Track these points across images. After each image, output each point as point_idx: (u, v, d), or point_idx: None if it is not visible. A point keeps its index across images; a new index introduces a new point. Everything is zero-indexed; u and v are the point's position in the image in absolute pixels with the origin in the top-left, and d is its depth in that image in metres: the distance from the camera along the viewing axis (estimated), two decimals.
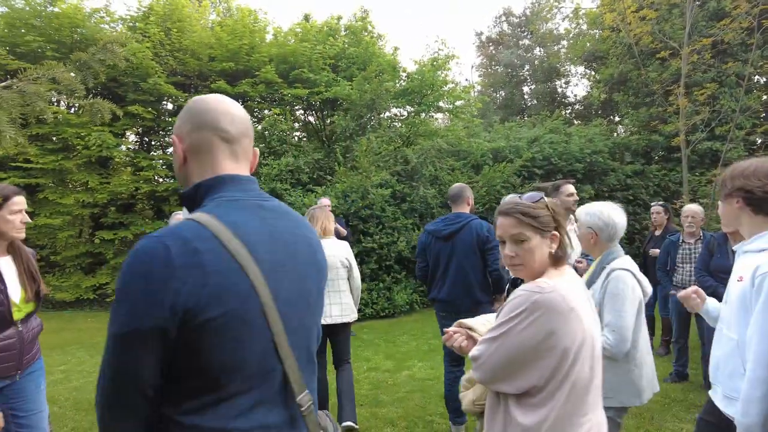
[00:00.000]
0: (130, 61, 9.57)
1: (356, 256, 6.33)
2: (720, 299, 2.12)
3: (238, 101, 11.03)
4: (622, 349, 2.25)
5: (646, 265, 5.79)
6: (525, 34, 21.00)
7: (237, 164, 1.17)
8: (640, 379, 2.33)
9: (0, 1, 9.45)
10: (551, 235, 1.57)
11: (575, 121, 17.61)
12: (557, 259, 1.58)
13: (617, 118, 17.31)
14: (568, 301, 1.44)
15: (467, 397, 1.74)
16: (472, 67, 26.33)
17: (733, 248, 2.15)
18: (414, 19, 47.35)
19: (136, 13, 10.81)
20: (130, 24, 10.66)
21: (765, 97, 13.09)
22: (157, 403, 1.00)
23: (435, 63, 10.31)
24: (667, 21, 11.42)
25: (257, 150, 1.27)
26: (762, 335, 1.70)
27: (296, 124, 11.97)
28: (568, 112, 19.53)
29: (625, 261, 2.37)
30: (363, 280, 6.70)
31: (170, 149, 11.82)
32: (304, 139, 11.99)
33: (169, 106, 11.16)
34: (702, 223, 4.99)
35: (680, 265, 4.99)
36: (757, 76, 13.73)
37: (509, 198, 1.92)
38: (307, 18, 12.36)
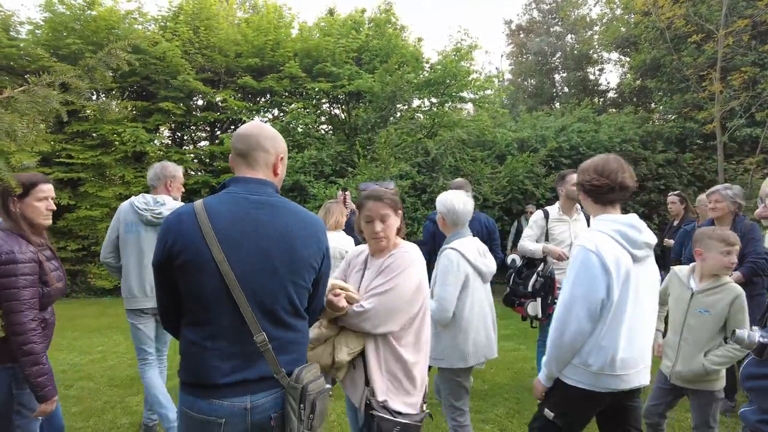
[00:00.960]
0: (162, 59, 10.01)
1: None
2: None
3: (264, 96, 11.44)
4: (443, 317, 2.64)
5: (665, 256, 5.68)
6: (556, 20, 20.48)
7: (252, 170, 1.67)
8: (466, 344, 2.69)
9: (45, 7, 9.99)
10: (400, 214, 2.17)
11: (610, 110, 17.10)
12: (398, 231, 2.16)
13: (653, 105, 16.75)
14: (422, 259, 2.09)
15: (341, 352, 2.01)
16: (502, 56, 25.97)
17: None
18: (439, 10, 46.84)
19: (167, 12, 11.22)
20: (162, 24, 11.07)
21: None
22: (178, 312, 1.63)
23: (458, 53, 10.27)
24: (703, 2, 10.96)
25: (283, 156, 1.76)
26: (561, 302, 2.05)
27: (322, 118, 12.19)
28: (601, 100, 18.99)
29: (461, 242, 2.71)
30: None
31: (201, 143, 12.28)
32: (330, 132, 12.20)
33: (199, 102, 11.56)
34: None
35: None
36: None
37: (368, 185, 2.44)
38: (331, 12, 12.52)
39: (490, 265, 2.79)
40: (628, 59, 17.32)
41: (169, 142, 11.96)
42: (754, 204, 7.31)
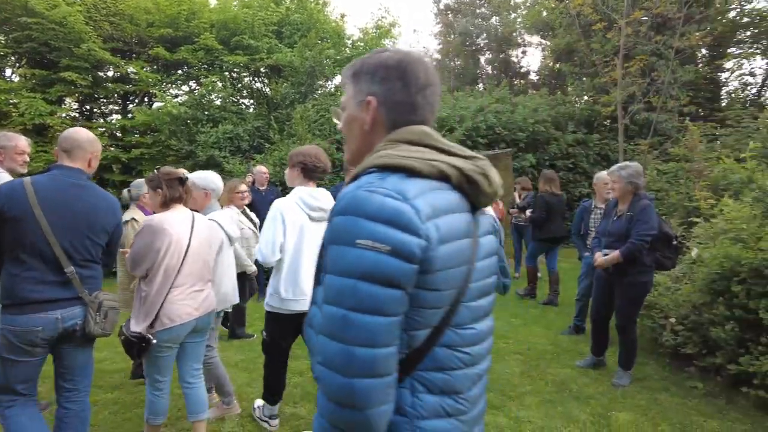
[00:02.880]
0: (62, 25, 9.28)
1: None
2: None
3: (179, 68, 10.95)
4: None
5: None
6: (482, 2, 20.95)
7: (72, 162, 2.37)
8: (217, 293, 3.16)
9: None
10: (159, 192, 2.70)
11: (531, 91, 17.85)
12: (164, 204, 2.70)
13: (569, 89, 17.70)
14: (161, 224, 2.59)
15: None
16: (430, 35, 26.23)
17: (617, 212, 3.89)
18: None
19: None
20: None
21: (700, 68, 13.59)
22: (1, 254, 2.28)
23: (378, 30, 10.31)
24: None
25: (97, 155, 2.47)
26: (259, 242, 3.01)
27: (244, 92, 11.86)
28: (523, 82, 19.76)
29: (215, 214, 3.34)
30: None
31: (112, 117, 11.61)
32: (253, 106, 11.91)
33: (110, 73, 10.88)
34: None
35: (593, 229, 5.13)
36: (701, 51, 14.24)
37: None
38: None
39: (231, 233, 3.47)
40: (548, 43, 18.12)
41: (77, 114, 11.20)
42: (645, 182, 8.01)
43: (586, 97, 14.15)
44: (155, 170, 2.85)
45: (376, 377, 0.91)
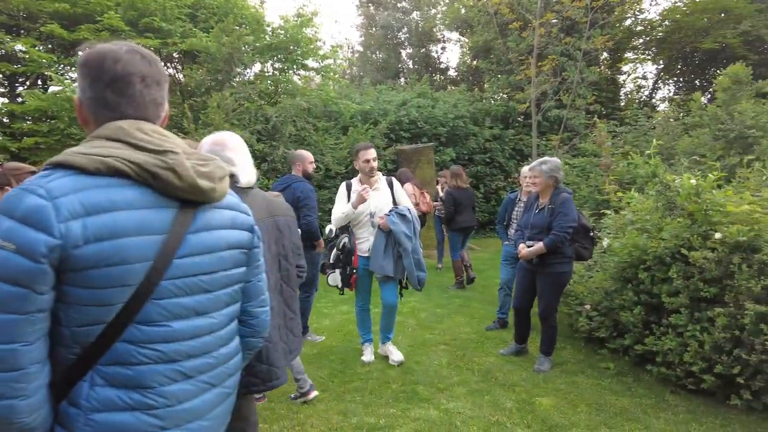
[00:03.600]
0: None
1: None
2: None
3: (78, 50, 9.92)
4: None
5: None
6: None
7: None
8: None
9: None
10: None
11: (450, 87, 18.30)
12: None
13: (486, 86, 18.38)
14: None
15: None
16: (351, 26, 26.04)
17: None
18: None
19: None
20: None
21: (603, 70, 14.67)
22: None
23: (299, 18, 10.01)
24: None
25: None
26: None
27: None
28: (442, 78, 20.22)
29: None
30: None
31: None
32: None
33: None
34: None
35: (515, 221, 5.20)
36: (604, 53, 15.37)
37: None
38: None
39: None
40: (466, 40, 18.66)
41: None
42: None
43: (502, 94, 14.77)
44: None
45: (4, 372, 0.94)
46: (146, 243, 1.05)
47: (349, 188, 4.14)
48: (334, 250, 4.06)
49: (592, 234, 4.18)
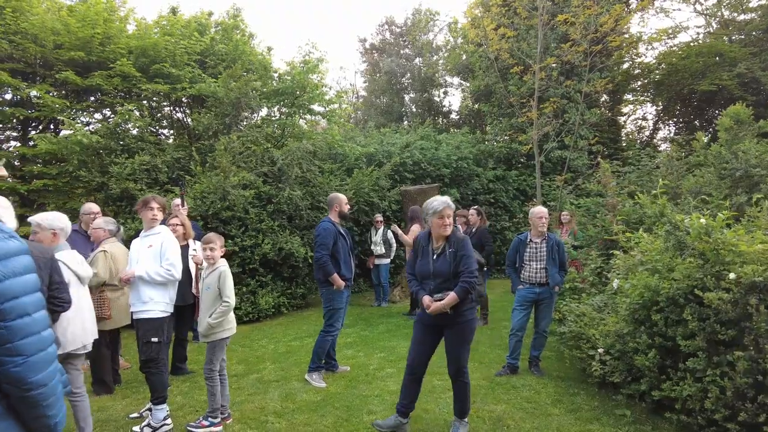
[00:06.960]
0: None
1: None
2: None
3: (92, 94, 10.21)
4: None
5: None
6: (406, 43, 21.80)
7: None
8: (65, 330, 3.30)
9: None
10: None
11: (453, 130, 18.61)
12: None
13: (487, 128, 18.67)
14: None
15: None
16: (356, 72, 26.84)
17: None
18: (293, 23, 46.83)
19: None
20: None
21: (603, 112, 14.91)
22: None
23: (306, 65, 10.29)
24: (525, 40, 12.52)
25: None
26: None
27: (164, 122, 11.26)
28: (445, 121, 20.59)
29: (61, 254, 3.43)
30: None
31: (9, 145, 10.51)
32: (172, 136, 11.31)
33: (8, 96, 9.90)
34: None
35: (527, 262, 5.09)
36: (604, 95, 15.68)
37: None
38: (174, 11, 11.69)
39: (87, 270, 3.67)
40: (467, 84, 19.11)
41: None
42: (557, 217, 8.41)
43: (504, 136, 14.98)
44: None
45: None
46: None
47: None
48: None
49: (485, 269, 4.11)
